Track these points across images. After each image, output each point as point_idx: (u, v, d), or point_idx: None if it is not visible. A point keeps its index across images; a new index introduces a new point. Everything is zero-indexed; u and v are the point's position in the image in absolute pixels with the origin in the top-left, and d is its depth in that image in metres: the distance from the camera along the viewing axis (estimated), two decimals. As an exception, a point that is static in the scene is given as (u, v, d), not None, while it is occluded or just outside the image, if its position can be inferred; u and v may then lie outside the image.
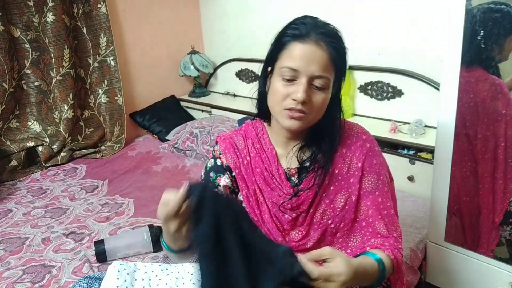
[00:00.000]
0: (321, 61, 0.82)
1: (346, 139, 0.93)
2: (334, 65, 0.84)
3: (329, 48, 0.82)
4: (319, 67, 0.82)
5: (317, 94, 0.84)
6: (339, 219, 0.91)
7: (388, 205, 0.91)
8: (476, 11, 1.16)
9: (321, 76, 0.82)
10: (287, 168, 0.95)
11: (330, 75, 0.84)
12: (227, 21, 2.78)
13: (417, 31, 1.84)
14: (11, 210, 1.82)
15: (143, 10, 2.67)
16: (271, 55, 0.88)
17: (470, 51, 1.20)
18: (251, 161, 0.97)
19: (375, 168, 0.91)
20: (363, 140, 0.92)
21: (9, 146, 2.25)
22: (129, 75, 2.70)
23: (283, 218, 0.93)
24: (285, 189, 0.93)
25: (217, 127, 2.28)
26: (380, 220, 0.89)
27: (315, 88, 0.84)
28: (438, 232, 1.44)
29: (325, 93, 0.85)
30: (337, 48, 0.83)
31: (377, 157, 0.93)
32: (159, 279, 1.06)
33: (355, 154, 0.91)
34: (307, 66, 0.81)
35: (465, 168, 1.33)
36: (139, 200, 1.84)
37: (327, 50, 0.82)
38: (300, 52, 0.82)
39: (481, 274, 1.37)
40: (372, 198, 0.90)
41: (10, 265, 1.41)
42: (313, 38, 0.82)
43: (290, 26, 0.86)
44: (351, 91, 2.11)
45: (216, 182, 0.99)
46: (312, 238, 0.92)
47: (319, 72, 0.82)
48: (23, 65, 2.26)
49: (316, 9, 2.16)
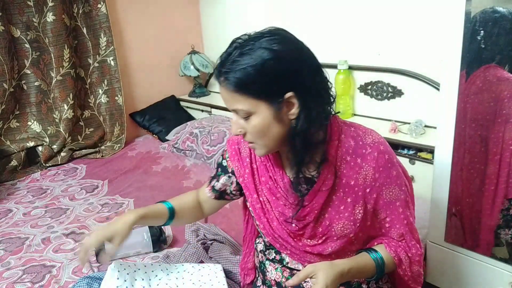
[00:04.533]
0: (228, 97, 0.82)
1: (361, 149, 0.88)
2: (244, 90, 0.79)
3: (227, 81, 0.80)
4: (230, 102, 0.83)
5: (247, 122, 0.83)
6: (359, 229, 0.90)
7: (407, 214, 0.91)
8: (476, 11, 1.16)
9: (234, 109, 0.83)
10: (293, 176, 0.92)
11: (241, 104, 0.81)
12: (227, 21, 2.78)
13: (417, 31, 1.84)
14: (11, 210, 1.82)
15: (143, 10, 2.67)
16: None
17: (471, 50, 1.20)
18: (257, 169, 0.98)
19: (395, 179, 0.89)
20: (380, 152, 0.88)
21: (9, 146, 2.25)
22: (129, 75, 2.70)
23: (290, 227, 0.93)
24: (290, 199, 0.91)
25: (217, 127, 2.28)
26: (396, 230, 0.91)
27: (243, 118, 0.83)
28: (438, 232, 1.44)
29: (253, 119, 0.82)
30: (234, 77, 0.79)
31: (396, 168, 0.90)
32: (159, 279, 1.06)
33: (371, 165, 0.87)
34: (227, 104, 0.84)
35: (473, 170, 1.31)
36: (139, 200, 1.84)
37: (227, 85, 0.80)
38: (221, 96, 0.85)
39: (481, 274, 1.37)
40: (392, 208, 0.90)
41: (10, 265, 1.41)
42: (221, 77, 0.82)
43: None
44: (351, 91, 2.11)
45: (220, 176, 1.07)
46: (329, 247, 0.92)
47: (232, 106, 0.83)
48: (23, 65, 2.26)
49: (316, 9, 2.16)
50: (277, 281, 0.99)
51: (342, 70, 2.04)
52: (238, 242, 1.43)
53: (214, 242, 1.40)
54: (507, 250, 1.31)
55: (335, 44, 2.10)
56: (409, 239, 0.91)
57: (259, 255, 1.06)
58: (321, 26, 2.13)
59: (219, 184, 1.07)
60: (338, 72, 2.05)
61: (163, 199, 1.11)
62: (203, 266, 1.16)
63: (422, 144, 1.71)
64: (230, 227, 1.53)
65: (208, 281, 1.07)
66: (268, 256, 1.02)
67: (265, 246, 1.03)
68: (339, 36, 2.11)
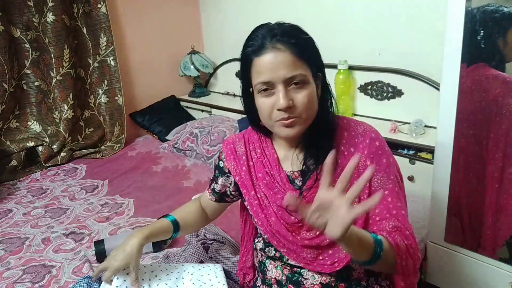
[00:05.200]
0: (285, 62, 0.81)
1: (354, 138, 0.90)
2: (303, 59, 0.83)
3: (289, 46, 0.81)
4: (286, 69, 0.81)
5: (298, 93, 0.83)
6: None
7: (398, 205, 0.88)
8: (476, 11, 1.16)
9: (293, 75, 0.82)
10: (290, 171, 0.94)
11: (303, 70, 0.83)
12: (227, 21, 2.78)
13: (417, 31, 1.84)
14: (11, 210, 1.82)
15: (143, 10, 2.68)
16: (245, 78, 0.89)
17: (471, 50, 1.20)
18: (253, 166, 0.99)
19: (385, 167, 0.89)
20: (371, 139, 0.90)
21: (9, 146, 2.25)
22: (129, 75, 2.70)
23: (290, 220, 0.93)
24: (287, 192, 0.92)
25: (217, 127, 2.28)
26: (387, 220, 0.86)
27: (295, 88, 0.83)
28: (438, 232, 1.44)
29: (307, 89, 0.84)
30: (297, 43, 0.82)
31: (387, 156, 0.91)
32: (158, 279, 1.06)
33: (364, 152, 0.89)
34: (275, 73, 0.82)
35: (469, 170, 1.31)
36: (139, 200, 1.84)
37: (288, 49, 0.81)
38: (264, 65, 0.82)
39: (481, 274, 1.37)
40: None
41: (10, 265, 1.41)
42: (269, 46, 0.82)
43: (247, 44, 0.87)
44: (351, 91, 2.11)
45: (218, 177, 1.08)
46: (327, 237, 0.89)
47: (289, 73, 0.82)
48: (23, 65, 2.26)
49: (316, 9, 2.16)
50: (277, 279, 0.99)
51: (342, 70, 2.04)
52: (238, 242, 1.43)
53: (214, 242, 1.40)
54: (508, 250, 1.31)
55: (335, 44, 2.10)
56: (403, 229, 0.85)
57: (258, 254, 1.06)
58: (321, 26, 2.13)
59: (219, 186, 1.09)
60: (338, 72, 2.05)
61: (163, 199, 1.12)
62: (203, 266, 1.16)
63: (422, 144, 1.71)
64: (230, 227, 1.53)
65: (208, 281, 1.07)
66: (268, 253, 1.02)
67: (265, 243, 1.03)
68: (339, 36, 2.11)
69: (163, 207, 1.74)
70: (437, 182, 1.40)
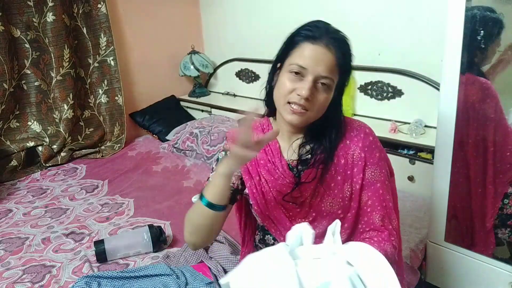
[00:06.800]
0: (328, 62, 0.87)
1: (350, 132, 0.97)
2: (340, 68, 0.89)
3: (338, 52, 0.88)
4: (326, 68, 0.87)
5: (320, 93, 0.89)
6: (346, 208, 0.95)
7: (387, 198, 0.95)
8: (476, 12, 1.16)
9: (327, 77, 0.88)
10: (289, 159, 0.99)
11: (334, 77, 0.89)
12: (227, 21, 2.78)
13: (417, 31, 1.84)
14: (11, 210, 1.82)
15: (143, 10, 2.68)
16: (283, 52, 0.93)
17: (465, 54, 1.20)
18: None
19: (378, 161, 0.96)
20: (366, 133, 0.97)
21: (9, 146, 2.25)
22: (129, 75, 2.70)
23: (288, 205, 0.97)
24: (288, 178, 0.97)
25: (217, 127, 2.28)
26: (378, 211, 0.93)
27: (319, 88, 0.89)
28: (438, 232, 1.44)
29: (327, 94, 0.90)
30: (344, 53, 0.90)
31: (380, 150, 0.97)
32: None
33: (358, 145, 0.95)
34: (315, 65, 0.87)
35: (457, 173, 1.34)
36: (139, 200, 1.84)
37: (335, 54, 0.88)
38: (311, 52, 0.87)
39: (481, 274, 1.37)
40: (373, 189, 0.94)
41: (10, 265, 1.41)
42: (324, 41, 0.87)
43: (304, 27, 0.91)
44: (351, 91, 2.11)
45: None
46: (320, 224, 0.96)
47: (325, 73, 0.87)
48: (23, 65, 2.26)
49: (316, 9, 2.16)
50: None
51: (342, 70, 2.04)
52: (238, 242, 1.43)
53: (214, 242, 1.40)
54: (508, 250, 1.31)
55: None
56: (387, 223, 0.94)
57: (258, 249, 1.06)
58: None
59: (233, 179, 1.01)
60: (338, 72, 2.05)
61: (163, 199, 1.11)
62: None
63: (422, 144, 1.71)
64: (230, 227, 1.52)
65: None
66: (267, 242, 1.04)
67: (263, 232, 1.05)
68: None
69: (163, 207, 1.74)
70: (437, 182, 1.40)
